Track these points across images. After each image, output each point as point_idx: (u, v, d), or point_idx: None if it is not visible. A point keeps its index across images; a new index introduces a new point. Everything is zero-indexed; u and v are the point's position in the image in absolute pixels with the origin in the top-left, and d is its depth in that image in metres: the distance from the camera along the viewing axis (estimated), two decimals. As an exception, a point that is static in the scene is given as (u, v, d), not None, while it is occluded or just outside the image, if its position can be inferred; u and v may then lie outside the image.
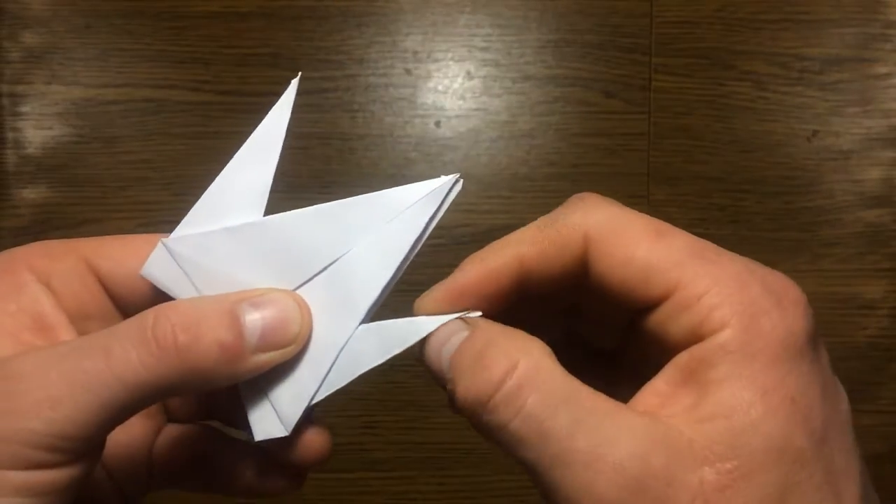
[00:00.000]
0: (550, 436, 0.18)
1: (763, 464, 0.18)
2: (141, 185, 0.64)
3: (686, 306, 0.20)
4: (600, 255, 0.21)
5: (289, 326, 0.21)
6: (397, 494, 0.66)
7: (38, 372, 0.19)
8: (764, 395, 0.18)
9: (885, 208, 0.65)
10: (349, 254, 0.23)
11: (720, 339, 0.19)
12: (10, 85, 0.64)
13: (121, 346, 0.19)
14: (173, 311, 0.20)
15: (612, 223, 0.21)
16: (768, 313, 0.19)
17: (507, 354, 0.19)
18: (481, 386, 0.19)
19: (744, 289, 0.20)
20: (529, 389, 0.19)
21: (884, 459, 0.66)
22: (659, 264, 0.20)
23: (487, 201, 0.65)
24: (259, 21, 0.65)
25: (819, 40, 0.65)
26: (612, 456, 0.18)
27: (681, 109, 0.65)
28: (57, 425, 0.19)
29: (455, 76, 0.65)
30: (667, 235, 0.20)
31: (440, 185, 0.23)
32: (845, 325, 0.66)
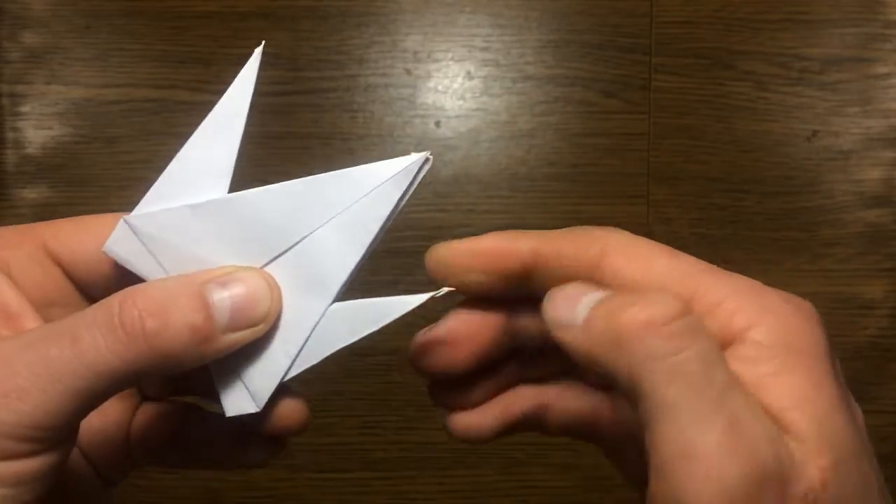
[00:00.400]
0: (710, 386, 0.17)
1: (847, 454, 0.18)
2: (141, 185, 0.64)
3: (706, 313, 0.19)
4: (618, 265, 0.21)
5: (258, 305, 0.21)
6: (397, 494, 0.66)
7: (3, 363, 0.19)
8: (819, 388, 0.18)
9: (885, 208, 0.65)
10: (318, 231, 0.22)
11: (755, 337, 0.19)
12: (10, 85, 0.64)
13: (88, 333, 0.19)
14: (140, 296, 0.20)
15: (631, 241, 0.21)
16: (788, 318, 0.19)
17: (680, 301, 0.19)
18: (665, 307, 0.18)
19: (763, 296, 0.20)
20: (706, 334, 0.18)
21: (885, 459, 0.66)
22: (675, 275, 0.20)
23: (487, 201, 0.65)
24: (259, 21, 0.65)
25: (819, 40, 0.65)
26: (750, 433, 0.17)
27: (681, 109, 0.65)
28: (27, 416, 0.18)
29: (455, 76, 0.65)
30: (681, 255, 0.21)
31: (411, 163, 0.22)
32: (845, 325, 0.66)
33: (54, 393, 0.19)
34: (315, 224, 0.22)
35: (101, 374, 0.19)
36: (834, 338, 0.63)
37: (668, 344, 0.18)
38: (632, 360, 0.18)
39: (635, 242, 0.21)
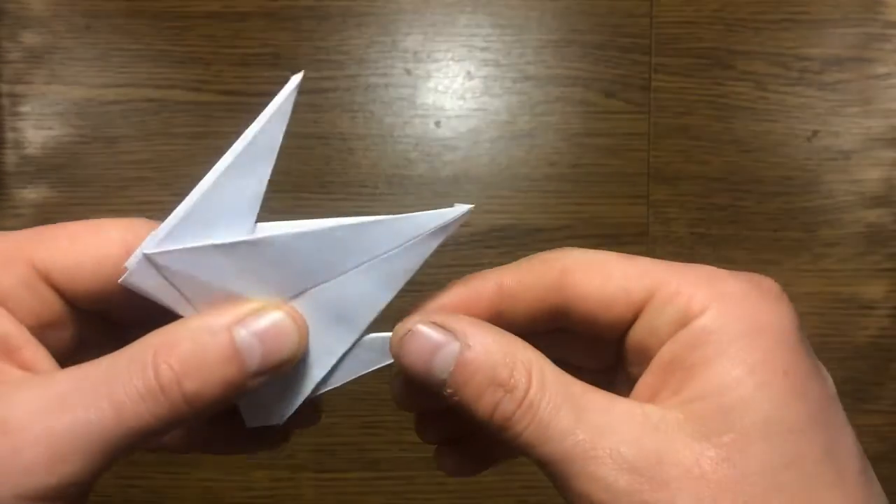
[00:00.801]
0: (556, 436, 0.19)
1: (759, 437, 0.18)
2: (141, 185, 0.64)
3: (667, 302, 0.21)
4: (580, 280, 0.22)
5: (286, 348, 0.21)
6: (397, 494, 0.66)
7: (40, 424, 0.19)
8: (752, 370, 0.19)
9: (885, 208, 0.65)
10: (350, 272, 0.22)
11: (701, 322, 0.20)
12: (10, 85, 0.64)
13: (129, 398, 0.19)
14: (173, 355, 0.20)
15: (587, 255, 0.22)
16: (748, 296, 0.20)
17: (522, 370, 0.20)
18: (506, 406, 0.20)
19: (720, 280, 0.21)
20: (540, 398, 0.20)
21: (884, 459, 0.66)
22: (633, 276, 0.21)
23: (487, 201, 0.65)
24: (259, 21, 0.65)
25: (819, 40, 0.65)
26: (608, 445, 0.19)
27: (681, 109, 0.65)
28: (67, 477, 0.19)
29: (455, 76, 0.65)
30: (636, 258, 0.22)
31: (455, 217, 0.22)
32: (845, 325, 0.66)
33: (94, 454, 0.19)
34: (348, 266, 0.22)
35: (138, 433, 0.19)
36: (834, 338, 0.64)
37: (514, 429, 0.20)
38: (501, 438, 0.20)
39: (590, 256, 0.22)
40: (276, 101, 0.22)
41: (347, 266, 0.22)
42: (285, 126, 0.22)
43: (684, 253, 0.65)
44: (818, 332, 0.66)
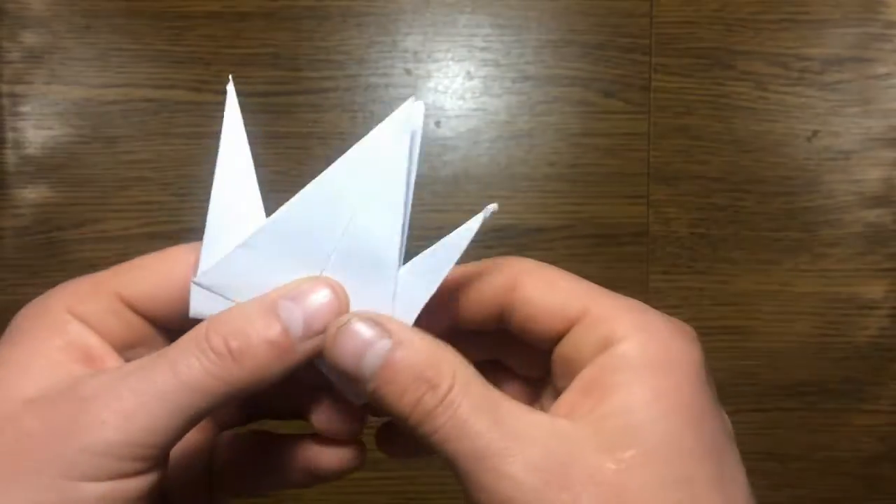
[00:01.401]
0: (472, 434, 0.21)
1: (658, 456, 0.20)
2: (141, 185, 0.64)
3: (595, 323, 0.22)
4: (528, 284, 0.24)
5: (326, 309, 0.23)
6: (397, 494, 0.66)
7: (107, 390, 0.21)
8: (658, 398, 0.21)
9: (885, 208, 0.65)
10: (354, 218, 0.23)
11: (620, 350, 0.22)
12: (10, 85, 0.64)
13: (184, 358, 0.21)
14: (222, 322, 0.22)
15: (536, 267, 0.24)
16: (667, 336, 0.22)
17: (447, 370, 0.22)
18: (428, 401, 0.21)
19: (645, 314, 0.23)
20: (462, 397, 0.21)
21: (884, 459, 0.66)
22: (576, 292, 0.23)
23: (487, 201, 0.65)
24: (259, 21, 0.65)
25: (819, 40, 0.65)
26: (521, 447, 0.20)
27: (681, 109, 0.65)
28: (133, 435, 0.20)
29: (455, 76, 0.65)
30: (580, 279, 0.24)
31: (401, 115, 0.23)
32: (845, 325, 0.66)
33: (158, 412, 0.20)
34: (350, 210, 0.23)
35: (199, 393, 0.21)
36: (834, 338, 0.64)
37: (432, 424, 0.21)
38: (416, 433, 0.22)
39: (540, 268, 0.24)
40: (226, 114, 0.24)
41: (349, 208, 0.23)
42: (243, 130, 0.24)
43: (684, 253, 0.65)
44: (818, 332, 0.66)
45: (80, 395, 0.20)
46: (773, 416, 0.66)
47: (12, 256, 0.65)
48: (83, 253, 0.64)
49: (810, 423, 0.66)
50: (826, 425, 0.66)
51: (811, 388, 0.66)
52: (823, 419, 0.66)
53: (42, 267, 0.64)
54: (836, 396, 0.66)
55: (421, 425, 0.21)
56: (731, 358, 0.66)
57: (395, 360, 0.22)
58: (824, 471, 0.66)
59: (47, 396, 0.21)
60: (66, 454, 0.20)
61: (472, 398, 0.21)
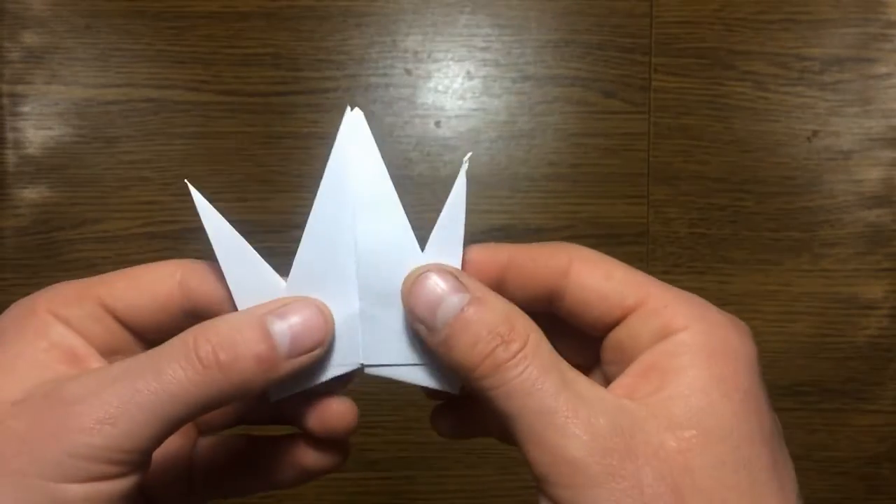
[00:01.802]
0: (542, 392, 0.21)
1: (719, 437, 0.21)
2: (141, 185, 0.64)
3: (653, 313, 0.23)
4: (584, 271, 0.24)
5: (314, 332, 0.23)
6: (397, 494, 0.66)
7: (92, 393, 0.21)
8: (720, 382, 0.21)
9: (885, 208, 0.65)
10: (358, 227, 0.24)
11: (682, 337, 0.22)
12: (10, 85, 0.64)
13: (170, 367, 0.21)
14: (211, 332, 0.22)
15: (593, 253, 0.25)
16: (725, 327, 0.23)
17: (522, 329, 0.22)
18: (501, 354, 0.21)
19: (704, 307, 0.23)
20: (532, 357, 0.22)
21: (884, 459, 0.66)
22: (631, 282, 0.24)
23: (487, 201, 0.65)
24: (259, 21, 0.65)
25: (819, 40, 0.65)
26: (589, 412, 0.21)
27: (681, 109, 0.65)
28: (115, 440, 0.20)
29: (455, 76, 0.65)
30: (637, 270, 0.24)
31: (346, 128, 0.25)
32: (845, 325, 0.66)
33: (141, 420, 0.21)
34: (349, 227, 0.24)
35: (181, 402, 0.21)
36: (834, 338, 0.64)
37: (501, 377, 0.21)
38: (481, 385, 0.22)
39: (597, 255, 0.25)
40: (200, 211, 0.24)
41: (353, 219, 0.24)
42: (220, 218, 0.24)
43: (684, 253, 0.65)
44: (818, 332, 0.66)
45: (64, 398, 0.21)
46: (773, 416, 0.66)
47: (12, 256, 0.65)
48: (83, 253, 0.64)
49: (810, 423, 0.66)
50: (826, 425, 0.66)
51: (811, 388, 0.66)
52: (823, 419, 0.66)
53: (42, 267, 0.64)
54: (836, 396, 0.66)
55: (488, 377, 0.22)
56: (731, 358, 0.66)
57: (470, 313, 0.22)
58: (824, 471, 0.66)
59: (32, 398, 0.21)
60: (51, 457, 0.20)
61: (543, 359, 0.22)
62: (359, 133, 0.25)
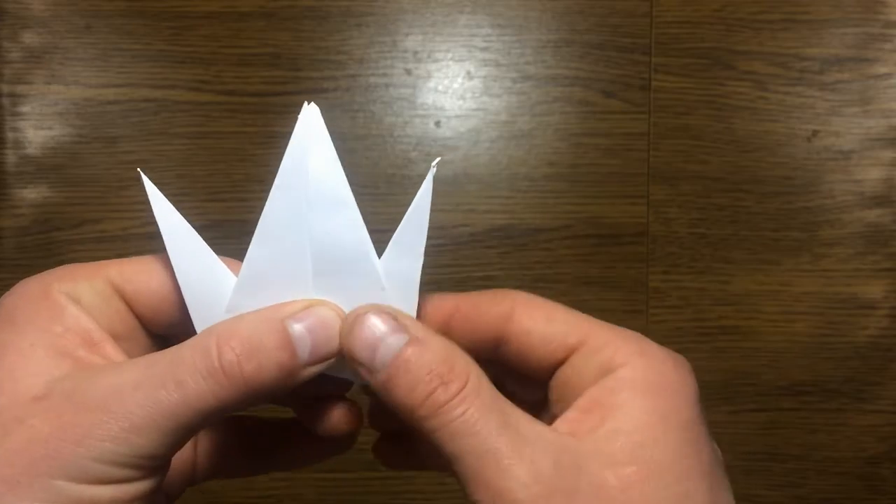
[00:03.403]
0: (482, 433, 0.21)
1: (658, 472, 0.21)
2: (141, 185, 0.64)
3: (595, 351, 0.23)
4: (526, 315, 0.25)
5: (332, 340, 0.23)
6: (397, 494, 0.66)
7: (116, 401, 0.21)
8: (660, 417, 0.22)
9: (885, 208, 0.65)
10: (313, 227, 0.24)
11: (622, 373, 0.23)
12: (10, 85, 0.64)
13: (192, 379, 0.21)
14: (235, 339, 0.22)
15: (536, 300, 0.25)
16: (664, 362, 0.23)
17: (462, 369, 0.22)
18: (440, 396, 0.22)
19: (643, 342, 0.24)
20: (473, 398, 0.22)
21: (884, 459, 0.66)
22: (574, 322, 0.24)
23: (487, 201, 0.65)
24: (259, 21, 0.65)
25: (819, 40, 0.65)
26: (531, 452, 0.21)
27: (681, 109, 0.65)
28: (141, 448, 0.21)
29: (455, 76, 0.65)
30: (575, 311, 0.25)
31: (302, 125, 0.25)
32: (845, 325, 0.66)
33: (165, 429, 0.21)
34: (304, 228, 0.24)
35: (203, 413, 0.21)
36: (834, 338, 0.64)
37: (441, 420, 0.22)
38: (423, 427, 0.22)
39: (539, 300, 0.25)
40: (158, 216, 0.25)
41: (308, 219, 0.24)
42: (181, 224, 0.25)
43: (684, 253, 0.65)
44: (818, 332, 0.66)
45: (88, 403, 0.21)
46: (773, 416, 0.66)
47: (12, 256, 0.65)
48: (83, 253, 0.64)
49: (810, 423, 0.66)
50: (826, 425, 0.66)
51: (811, 388, 0.66)
52: (823, 419, 0.66)
53: (42, 267, 0.64)
54: (836, 396, 0.66)
55: (429, 418, 0.22)
56: (731, 358, 0.66)
57: (409, 354, 0.22)
58: (824, 471, 0.66)
59: (54, 397, 0.21)
60: (78, 461, 0.20)
61: (484, 399, 0.22)
62: (315, 129, 0.25)
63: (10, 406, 0.21)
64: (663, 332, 0.65)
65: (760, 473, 0.66)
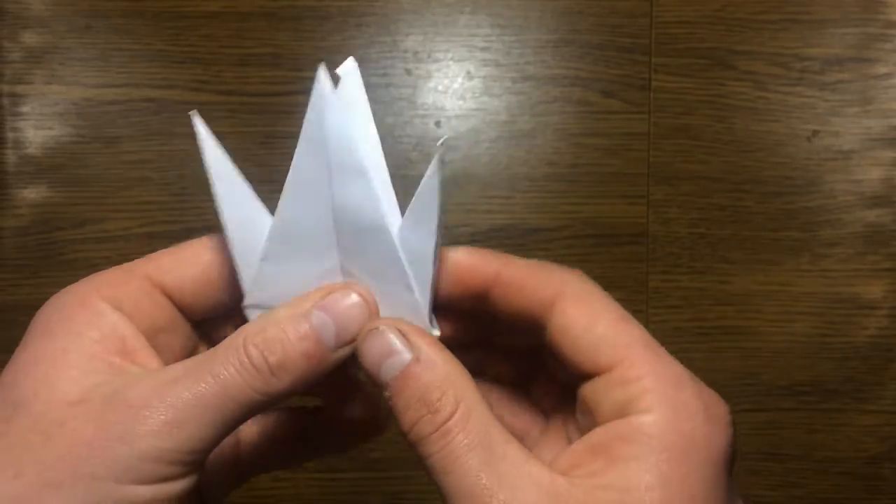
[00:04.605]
0: (460, 470, 0.21)
1: None
2: (141, 185, 0.64)
3: (622, 382, 0.21)
4: (567, 314, 0.23)
5: (355, 322, 0.23)
6: (397, 494, 0.66)
7: (156, 396, 0.21)
8: (663, 484, 0.20)
9: (885, 208, 0.65)
10: (334, 193, 0.24)
11: (641, 421, 0.21)
12: (10, 85, 0.64)
13: (226, 371, 0.22)
14: (258, 336, 0.22)
15: (587, 291, 0.23)
16: (693, 416, 0.21)
17: (451, 398, 0.22)
18: (424, 426, 0.22)
19: (678, 386, 0.21)
20: (458, 430, 0.21)
21: (884, 459, 0.66)
22: (613, 340, 0.22)
23: (487, 201, 0.65)
24: (259, 21, 0.65)
25: (819, 40, 0.65)
26: (508, 496, 0.20)
27: (681, 109, 0.65)
28: (183, 442, 0.21)
29: (455, 76, 0.65)
30: (629, 322, 0.23)
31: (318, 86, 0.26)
32: (845, 325, 0.66)
33: (205, 422, 0.21)
34: (326, 193, 0.24)
35: (241, 404, 0.22)
36: (834, 338, 0.63)
37: (427, 449, 0.21)
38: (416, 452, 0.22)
39: (591, 294, 0.23)
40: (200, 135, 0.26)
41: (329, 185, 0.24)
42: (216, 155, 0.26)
43: (684, 253, 0.65)
44: (818, 332, 0.66)
45: (129, 401, 0.21)
46: (773, 416, 0.66)
47: (12, 256, 0.65)
48: (83, 253, 0.64)
49: (810, 423, 0.66)
50: (826, 425, 0.66)
51: (811, 388, 0.66)
52: (823, 419, 0.66)
53: (42, 267, 0.64)
54: (836, 396, 0.66)
55: (416, 446, 0.22)
56: (731, 358, 0.66)
57: (409, 373, 0.22)
58: (824, 471, 0.66)
59: (92, 401, 0.21)
60: (121, 460, 0.21)
61: (470, 433, 0.21)
62: (328, 89, 0.25)
63: (48, 411, 0.21)
64: (663, 332, 0.65)
65: (760, 473, 0.66)
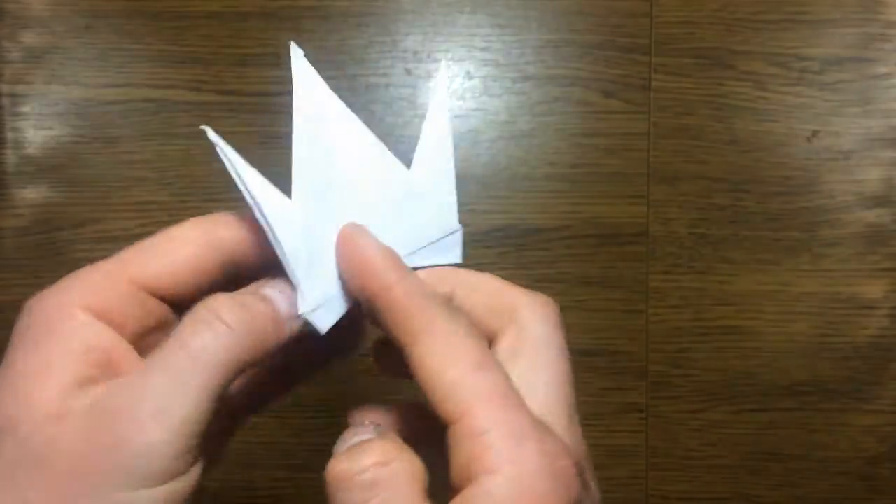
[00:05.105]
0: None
1: None
2: (141, 185, 0.64)
3: (468, 435, 0.21)
4: (423, 354, 0.23)
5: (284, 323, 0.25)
6: (397, 494, 0.66)
7: (135, 395, 0.21)
8: None
9: (885, 208, 0.65)
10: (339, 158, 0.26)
11: (487, 486, 0.20)
12: (10, 85, 0.64)
13: (195, 338, 0.22)
14: (222, 301, 0.23)
15: (452, 332, 0.23)
16: (535, 474, 0.20)
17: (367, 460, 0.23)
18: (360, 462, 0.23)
19: (521, 442, 0.21)
20: (396, 476, 0.22)
21: (884, 459, 0.66)
22: (462, 388, 0.22)
23: (487, 201, 0.65)
24: (259, 21, 0.65)
25: (819, 40, 0.65)
26: None
27: (681, 109, 0.65)
28: (176, 427, 0.21)
29: (455, 76, 0.65)
30: (486, 369, 0.22)
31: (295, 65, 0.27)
32: (845, 325, 0.66)
33: (188, 399, 0.21)
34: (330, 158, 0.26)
35: (215, 367, 0.22)
36: (834, 338, 0.64)
37: (360, 494, 0.23)
38: None
39: (454, 335, 0.23)
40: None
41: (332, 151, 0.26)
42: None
43: (684, 253, 0.65)
44: (818, 332, 0.66)
45: (109, 408, 0.21)
46: (773, 416, 0.66)
47: (12, 256, 0.65)
48: (83, 253, 0.64)
49: (810, 423, 0.66)
50: (826, 425, 0.66)
51: (811, 388, 0.66)
52: (823, 419, 0.66)
53: (42, 267, 0.64)
54: (836, 396, 0.66)
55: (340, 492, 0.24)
56: (731, 358, 0.66)
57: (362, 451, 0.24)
58: (824, 471, 0.66)
59: (73, 415, 0.21)
60: (120, 467, 0.20)
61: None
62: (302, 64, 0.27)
63: (35, 432, 0.20)
64: (663, 332, 0.65)
65: (760, 473, 0.66)
